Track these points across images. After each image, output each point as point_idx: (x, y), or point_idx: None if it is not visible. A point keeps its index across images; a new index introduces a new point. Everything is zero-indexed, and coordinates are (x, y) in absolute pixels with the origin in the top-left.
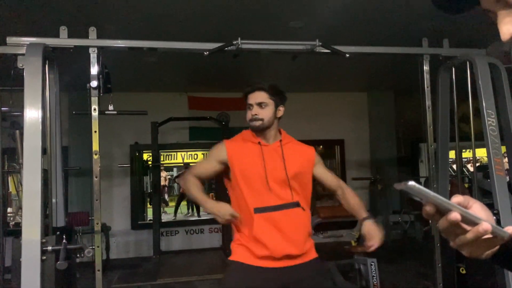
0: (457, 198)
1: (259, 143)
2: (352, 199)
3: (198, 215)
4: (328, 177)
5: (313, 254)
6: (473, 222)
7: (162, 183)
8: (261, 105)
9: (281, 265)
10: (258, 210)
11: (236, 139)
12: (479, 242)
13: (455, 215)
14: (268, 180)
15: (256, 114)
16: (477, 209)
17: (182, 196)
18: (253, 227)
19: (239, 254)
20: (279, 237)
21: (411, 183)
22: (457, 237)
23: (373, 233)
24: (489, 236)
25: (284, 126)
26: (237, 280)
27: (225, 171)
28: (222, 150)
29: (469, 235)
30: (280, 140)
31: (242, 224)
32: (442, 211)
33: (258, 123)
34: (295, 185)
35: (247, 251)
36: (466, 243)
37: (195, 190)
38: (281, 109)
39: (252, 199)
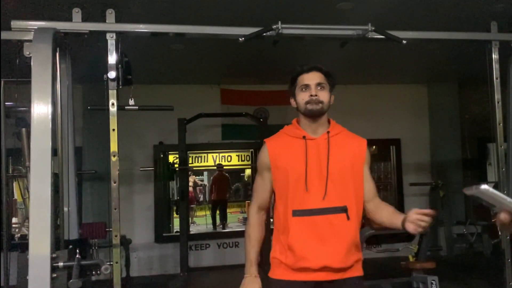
0: None
1: (303, 137)
2: (388, 207)
3: (223, 227)
4: (369, 183)
5: (357, 271)
6: None
7: (191, 189)
8: (320, 86)
9: (318, 279)
10: (296, 213)
11: (279, 135)
12: None
13: None
14: (307, 180)
15: (316, 95)
16: None
17: (215, 204)
18: (289, 233)
19: (274, 269)
20: (318, 245)
21: (484, 186)
22: None
23: (424, 211)
24: None
25: None
26: None
27: None
28: (265, 154)
29: None
30: (328, 132)
31: (280, 232)
32: None
33: (318, 106)
34: (342, 186)
35: (281, 264)
36: None
37: (251, 251)
38: (333, 97)
39: (292, 201)
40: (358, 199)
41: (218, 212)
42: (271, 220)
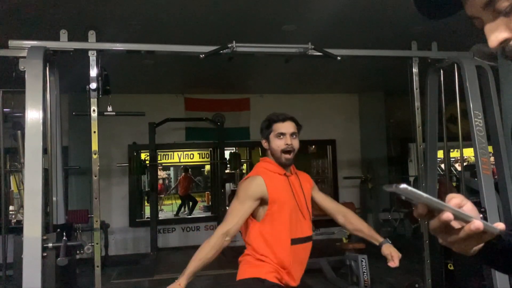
0: (456, 199)
1: (285, 174)
2: (361, 224)
3: (189, 213)
4: (328, 201)
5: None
6: (465, 220)
7: (160, 182)
8: (294, 135)
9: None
10: (294, 241)
11: (266, 172)
12: (469, 239)
13: (447, 215)
14: (302, 211)
15: (291, 144)
16: (468, 208)
17: (182, 199)
18: (288, 258)
19: (266, 273)
20: (300, 269)
21: (404, 186)
22: (447, 235)
23: (394, 254)
24: (479, 232)
25: None
26: None
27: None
28: (261, 186)
29: (461, 234)
30: (296, 172)
31: (271, 252)
32: (433, 211)
33: (291, 155)
34: (310, 216)
35: (274, 274)
36: (457, 240)
37: (193, 265)
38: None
39: (290, 230)
40: None
41: (186, 205)
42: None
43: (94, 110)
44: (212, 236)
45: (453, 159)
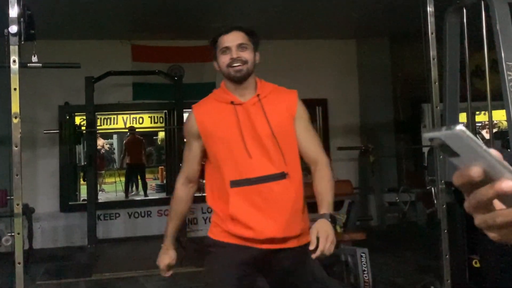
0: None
1: (232, 102)
2: (322, 183)
3: (145, 194)
4: (307, 141)
5: (305, 239)
6: None
7: (99, 153)
8: (241, 47)
9: (263, 247)
10: (235, 184)
11: (207, 101)
12: None
13: (510, 186)
14: (247, 146)
15: (238, 57)
16: None
17: (130, 169)
18: (229, 205)
19: (215, 231)
20: (260, 215)
21: (460, 127)
22: (490, 214)
23: (322, 234)
24: None
25: None
26: (222, 256)
27: None
28: (192, 121)
29: None
30: (258, 95)
31: (216, 198)
32: (485, 178)
33: (242, 67)
34: (279, 150)
35: (223, 230)
36: (508, 222)
37: (170, 224)
38: (258, 55)
39: (229, 171)
40: (295, 158)
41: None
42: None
43: (14, 61)
44: (174, 191)
45: (480, 124)
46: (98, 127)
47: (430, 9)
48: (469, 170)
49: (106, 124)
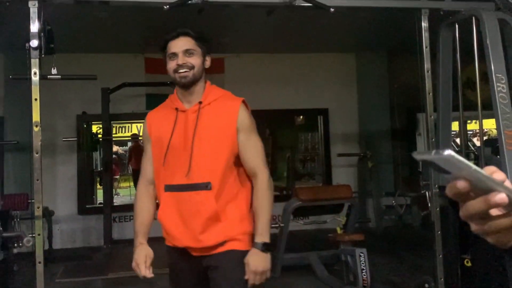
0: (500, 174)
1: (176, 109)
2: (257, 200)
3: None
4: (246, 151)
5: (230, 246)
6: None
7: (115, 160)
8: (188, 53)
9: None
10: (167, 188)
11: (159, 107)
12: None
13: (501, 198)
14: (167, 155)
15: (184, 63)
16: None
17: (136, 174)
18: (165, 209)
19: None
20: (180, 223)
21: (449, 152)
22: (485, 221)
23: (250, 269)
24: None
25: (257, 93)
26: (169, 262)
27: None
28: (144, 126)
29: (507, 219)
30: (200, 102)
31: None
32: (477, 190)
33: (188, 73)
34: (207, 160)
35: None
36: (502, 228)
37: (136, 223)
38: (208, 60)
39: (163, 176)
40: (229, 172)
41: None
42: None
43: (35, 73)
44: (136, 193)
45: (471, 132)
46: (113, 135)
47: (424, 24)
48: (456, 184)
49: (121, 132)
